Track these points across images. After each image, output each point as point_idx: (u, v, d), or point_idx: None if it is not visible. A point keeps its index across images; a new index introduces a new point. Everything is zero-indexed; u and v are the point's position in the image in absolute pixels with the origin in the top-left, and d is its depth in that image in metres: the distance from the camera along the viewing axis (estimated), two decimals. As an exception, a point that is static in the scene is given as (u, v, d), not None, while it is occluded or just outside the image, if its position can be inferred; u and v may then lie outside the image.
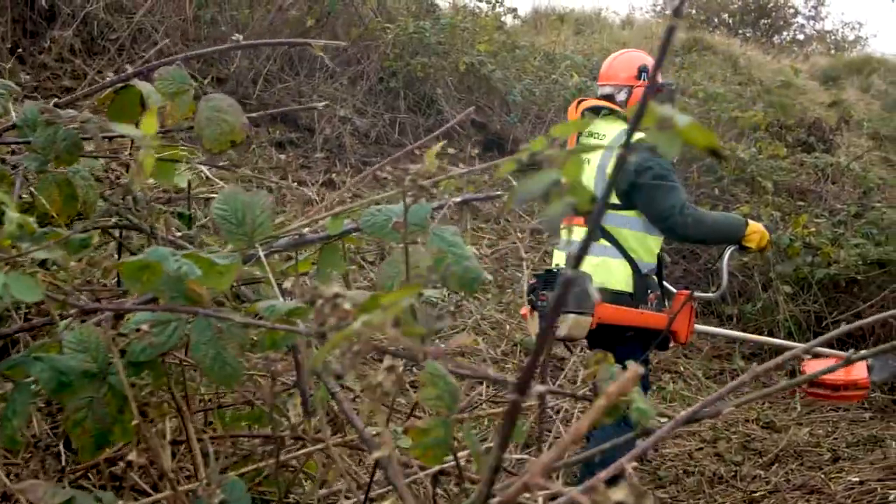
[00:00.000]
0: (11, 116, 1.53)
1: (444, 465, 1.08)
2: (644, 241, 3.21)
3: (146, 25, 6.00)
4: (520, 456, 1.53)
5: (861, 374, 3.30)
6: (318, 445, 1.15)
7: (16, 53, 5.42)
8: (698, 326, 3.73)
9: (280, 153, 6.03)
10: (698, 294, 3.39)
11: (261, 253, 1.08)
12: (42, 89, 5.52)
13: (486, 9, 7.80)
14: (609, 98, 3.38)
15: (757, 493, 3.76)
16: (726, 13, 15.94)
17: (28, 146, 1.35)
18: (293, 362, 1.22)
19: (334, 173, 6.04)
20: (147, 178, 1.02)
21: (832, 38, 17.40)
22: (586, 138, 3.33)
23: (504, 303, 5.27)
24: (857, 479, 3.71)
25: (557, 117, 6.97)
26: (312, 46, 1.47)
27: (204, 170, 1.64)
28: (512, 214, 6.24)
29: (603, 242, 3.20)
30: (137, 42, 5.97)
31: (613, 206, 3.20)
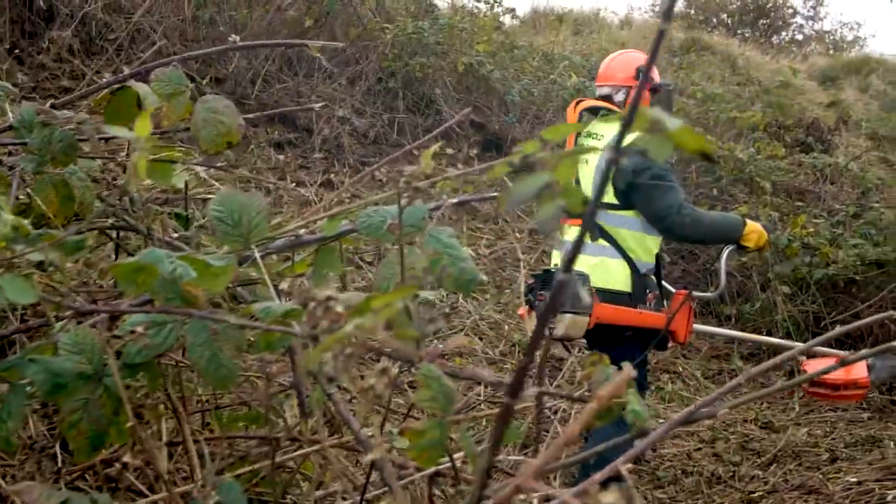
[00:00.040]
0: (8, 117, 1.53)
1: (441, 467, 1.08)
2: (642, 241, 3.21)
3: (144, 26, 6.00)
4: (517, 457, 1.53)
5: (861, 374, 3.30)
6: (315, 447, 1.15)
7: (14, 54, 5.42)
8: (697, 326, 3.73)
9: (278, 154, 6.03)
10: (697, 294, 3.39)
11: (257, 254, 1.08)
12: (40, 89, 5.52)
13: (485, 9, 7.81)
14: (607, 98, 3.38)
15: (755, 494, 3.77)
16: (725, 13, 15.95)
17: (25, 147, 1.35)
18: (290, 363, 1.22)
19: (333, 174, 6.04)
20: (141, 180, 1.02)
21: (831, 39, 17.42)
22: (585, 139, 3.34)
23: (502, 303, 5.27)
24: (855, 480, 3.71)
25: (556, 117, 6.97)
26: (309, 47, 1.47)
27: (200, 171, 1.64)
28: (510, 215, 6.24)
29: (601, 242, 3.20)
30: (136, 42, 5.97)
31: (612, 207, 3.20)
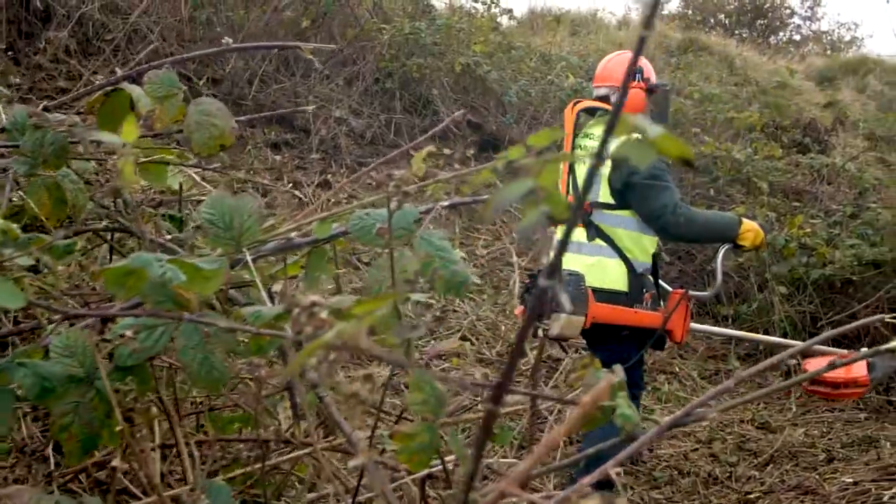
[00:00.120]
0: (1, 119, 1.53)
1: (433, 469, 1.08)
2: (639, 241, 3.22)
3: (141, 26, 5.99)
4: (512, 459, 1.53)
5: (861, 372, 3.31)
6: (307, 449, 1.15)
7: (10, 54, 5.41)
8: (695, 325, 3.74)
9: (275, 154, 6.02)
10: (693, 293, 3.40)
11: (248, 257, 1.08)
12: (37, 90, 5.52)
13: (482, 9, 7.80)
14: (604, 99, 3.39)
15: (752, 494, 3.77)
16: (722, 13, 15.96)
17: (17, 150, 1.35)
18: (283, 366, 1.22)
19: (330, 174, 6.04)
20: (128, 184, 1.02)
21: (828, 39, 17.43)
22: (582, 140, 3.34)
23: (499, 304, 5.27)
24: (852, 480, 3.71)
25: (553, 118, 6.97)
26: (303, 49, 1.47)
27: (192, 173, 1.64)
28: (507, 215, 6.24)
29: (598, 242, 3.21)
30: (133, 43, 5.96)
31: (608, 206, 3.21)
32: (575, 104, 3.45)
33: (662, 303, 3.32)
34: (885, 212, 5.90)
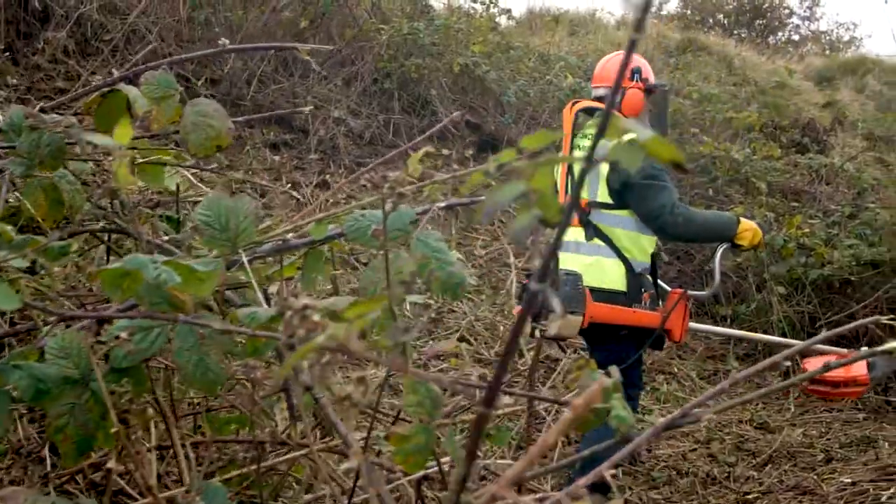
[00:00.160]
0: (-2, 120, 1.52)
1: (429, 471, 1.08)
2: (637, 241, 3.22)
3: (140, 27, 5.98)
4: (509, 461, 1.53)
5: (861, 371, 3.31)
6: (303, 451, 1.15)
7: (9, 55, 5.41)
8: (694, 325, 3.74)
9: (274, 154, 6.02)
10: (691, 293, 3.40)
11: (244, 259, 1.08)
12: (35, 90, 5.51)
13: (481, 10, 7.79)
14: (603, 100, 3.39)
15: (750, 495, 3.77)
16: (721, 14, 15.96)
17: (13, 151, 1.35)
18: (279, 368, 1.22)
19: (328, 174, 6.03)
20: (121, 186, 1.01)
21: (827, 39, 17.44)
22: (580, 140, 3.34)
23: (498, 304, 5.27)
24: (850, 481, 3.71)
25: (552, 118, 6.97)
26: (300, 51, 1.47)
27: (188, 175, 1.64)
28: (505, 215, 6.24)
29: (596, 242, 3.21)
30: (131, 43, 5.96)
31: (606, 206, 3.22)
32: (573, 104, 3.45)
33: (661, 302, 3.33)
34: (884, 212, 5.90)
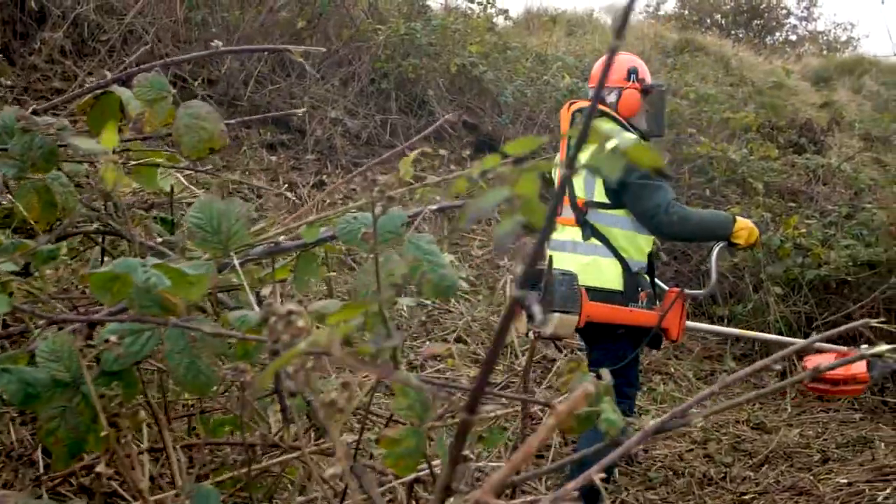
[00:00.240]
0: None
1: (420, 474, 1.08)
2: (634, 240, 3.23)
3: (137, 27, 5.98)
4: (503, 463, 1.52)
5: (860, 369, 3.31)
6: (295, 453, 1.15)
7: (5, 55, 5.40)
8: (691, 324, 3.74)
9: (271, 155, 6.02)
10: (688, 291, 3.40)
11: (235, 262, 1.08)
12: (32, 91, 5.51)
13: (478, 10, 7.79)
14: (600, 100, 3.39)
15: (746, 495, 3.77)
16: (719, 14, 15.97)
17: (5, 153, 1.34)
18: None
19: (325, 175, 6.03)
20: (109, 190, 1.01)
21: (824, 39, 17.46)
22: (576, 140, 3.34)
23: (495, 304, 5.27)
24: (846, 481, 3.72)
25: (549, 118, 6.97)
26: (293, 52, 1.47)
27: (181, 177, 1.64)
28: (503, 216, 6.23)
29: (593, 241, 3.22)
30: (128, 43, 5.95)
31: (603, 206, 3.22)
32: (570, 105, 3.46)
33: (658, 302, 3.33)
34: (881, 212, 5.90)
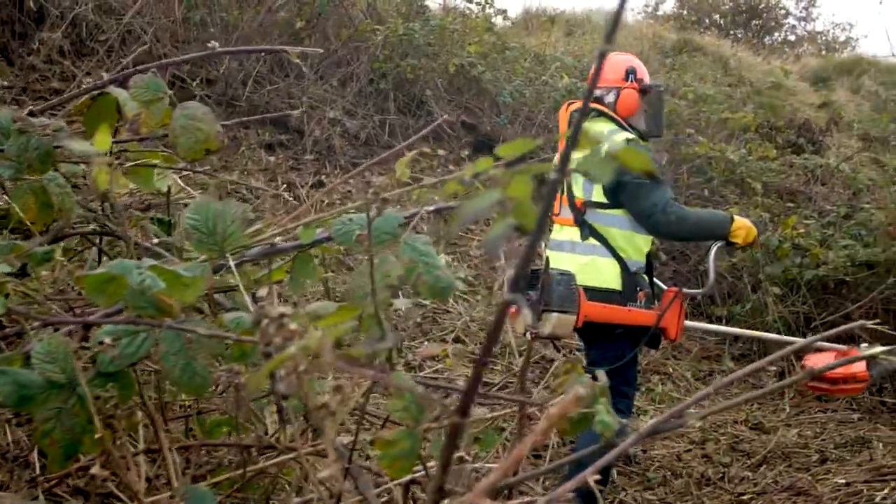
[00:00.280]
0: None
1: (416, 475, 1.08)
2: (632, 240, 3.23)
3: (135, 27, 5.97)
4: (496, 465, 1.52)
5: (860, 368, 3.31)
6: (291, 454, 1.15)
7: (3, 55, 5.40)
8: (689, 323, 3.74)
9: (270, 155, 6.02)
10: (686, 291, 3.40)
11: (231, 263, 1.08)
12: (30, 91, 5.51)
13: (476, 10, 7.79)
14: (598, 100, 3.40)
15: (745, 495, 3.77)
16: (717, 14, 15.97)
17: (1, 154, 1.34)
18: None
19: (324, 175, 6.03)
20: (100, 192, 1.01)
21: (823, 39, 17.45)
22: (574, 141, 3.34)
23: (493, 304, 5.27)
24: (844, 481, 3.72)
25: (547, 118, 6.97)
26: (289, 53, 1.47)
27: (177, 179, 1.64)
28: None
29: (591, 241, 3.23)
30: (126, 44, 5.95)
31: (601, 205, 3.23)
32: (569, 105, 3.47)
33: (656, 301, 3.34)
34: (879, 212, 5.90)
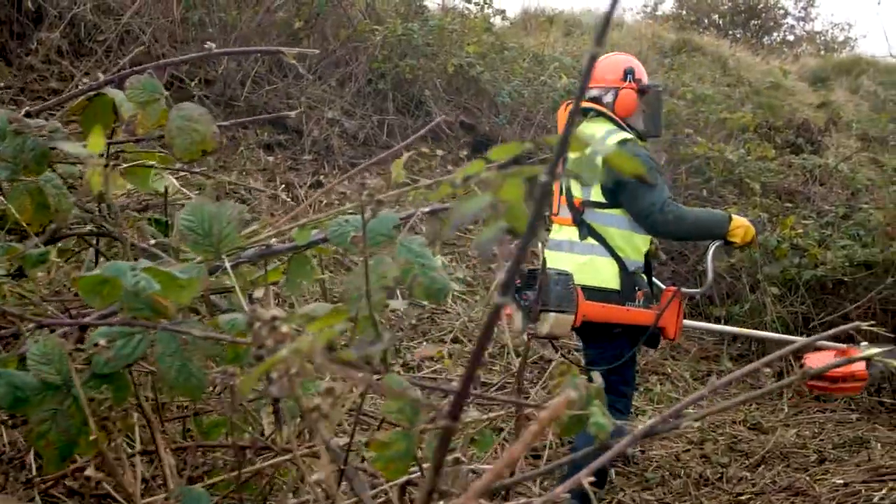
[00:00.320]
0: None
1: (412, 476, 1.08)
2: (630, 240, 3.24)
3: (134, 27, 5.97)
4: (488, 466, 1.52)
5: (859, 367, 3.31)
6: (287, 455, 1.14)
7: (2, 55, 5.39)
8: (688, 322, 3.75)
9: (268, 155, 6.02)
10: (685, 290, 3.41)
11: (227, 264, 1.08)
12: (29, 91, 5.50)
13: (475, 10, 7.78)
14: (597, 100, 3.40)
15: (743, 496, 3.77)
16: (716, 14, 15.97)
17: (-2, 155, 1.34)
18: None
19: (322, 175, 6.03)
20: (94, 194, 1.01)
21: (822, 39, 17.46)
22: (573, 140, 3.34)
23: (492, 304, 5.26)
24: (842, 481, 3.72)
25: (546, 119, 6.97)
26: (286, 54, 1.47)
27: (174, 180, 1.64)
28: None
29: (590, 241, 3.24)
30: (125, 44, 5.94)
31: (600, 205, 3.23)
32: (568, 105, 3.47)
33: (655, 301, 3.34)
34: (877, 213, 5.90)
